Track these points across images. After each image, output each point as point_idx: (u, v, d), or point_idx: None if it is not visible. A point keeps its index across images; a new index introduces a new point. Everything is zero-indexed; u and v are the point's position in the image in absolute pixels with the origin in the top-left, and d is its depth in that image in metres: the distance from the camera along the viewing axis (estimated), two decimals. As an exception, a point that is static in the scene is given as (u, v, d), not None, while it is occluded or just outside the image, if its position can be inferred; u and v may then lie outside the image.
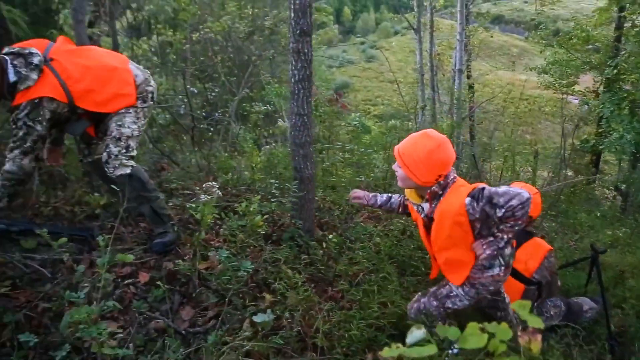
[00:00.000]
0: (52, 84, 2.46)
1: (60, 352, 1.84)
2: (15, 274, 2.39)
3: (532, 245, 2.92)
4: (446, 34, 17.84)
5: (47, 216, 2.99)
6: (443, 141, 2.14)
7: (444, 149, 2.13)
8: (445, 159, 2.13)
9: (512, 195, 2.02)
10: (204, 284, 2.46)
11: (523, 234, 2.91)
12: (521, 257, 2.85)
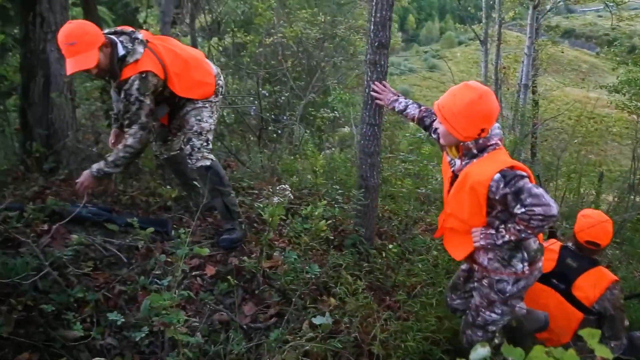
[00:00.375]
0: (154, 61, 2.60)
1: (139, 334, 1.97)
2: (96, 256, 2.56)
3: (596, 274, 2.80)
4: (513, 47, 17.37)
5: (125, 204, 3.18)
6: (485, 91, 1.98)
7: (486, 99, 1.96)
8: (487, 110, 1.97)
9: (541, 202, 1.86)
10: (268, 282, 2.55)
11: (588, 260, 2.81)
12: (582, 284, 2.75)
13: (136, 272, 2.54)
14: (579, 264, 2.77)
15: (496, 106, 2.00)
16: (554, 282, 2.79)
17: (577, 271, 2.75)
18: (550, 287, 2.81)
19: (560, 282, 2.78)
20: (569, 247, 2.86)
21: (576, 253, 2.81)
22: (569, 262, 2.79)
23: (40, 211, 2.67)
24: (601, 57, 39.30)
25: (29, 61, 3.18)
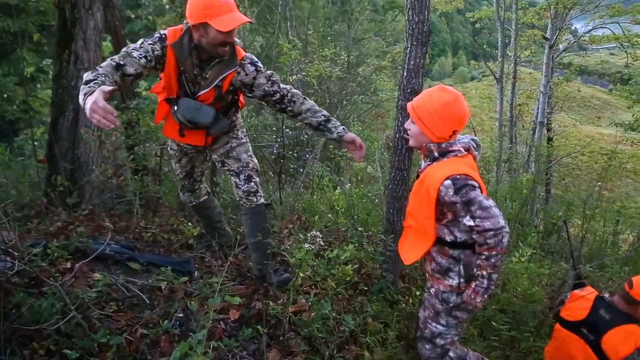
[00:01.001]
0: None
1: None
2: (119, 297, 2.51)
3: (628, 331, 2.65)
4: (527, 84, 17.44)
5: (147, 242, 3.15)
6: (460, 95, 2.03)
7: (460, 102, 2.01)
8: (461, 113, 2.01)
9: (489, 215, 1.85)
10: (293, 328, 2.47)
11: (623, 316, 2.68)
12: (612, 339, 2.61)
13: (158, 314, 2.48)
14: (613, 317, 2.63)
15: (467, 111, 2.06)
16: (584, 331, 2.67)
17: (609, 324, 2.61)
18: (579, 336, 2.69)
19: (590, 333, 2.65)
20: (604, 298, 2.74)
21: (612, 306, 2.68)
22: (602, 313, 2.66)
23: (64, 248, 2.64)
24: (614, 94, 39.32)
25: (60, 97, 3.23)
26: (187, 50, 2.30)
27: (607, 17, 12.48)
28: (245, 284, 2.92)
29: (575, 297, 2.81)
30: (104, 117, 1.80)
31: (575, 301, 2.79)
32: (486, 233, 1.86)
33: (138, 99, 3.98)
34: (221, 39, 2.22)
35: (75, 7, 3.14)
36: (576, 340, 2.68)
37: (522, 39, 14.27)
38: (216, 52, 2.31)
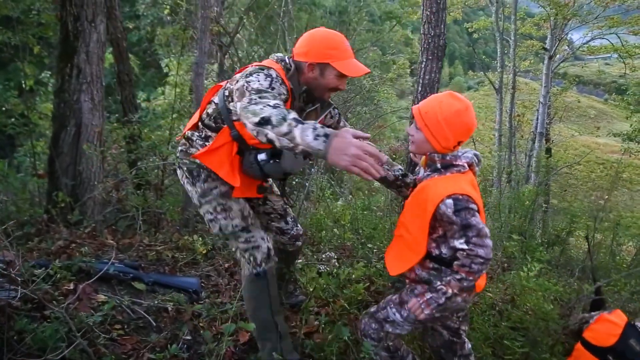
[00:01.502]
0: None
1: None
2: (124, 319, 2.42)
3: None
4: (524, 94, 17.51)
5: (151, 260, 3.06)
6: (470, 104, 1.92)
7: (470, 112, 1.90)
8: (470, 123, 1.91)
9: (484, 244, 1.78)
10: (304, 349, 2.38)
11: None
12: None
13: (165, 337, 2.39)
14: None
15: (475, 122, 1.95)
16: (610, 359, 2.58)
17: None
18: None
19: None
20: (637, 326, 2.64)
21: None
22: (632, 343, 2.57)
23: (67, 269, 2.55)
24: (610, 104, 39.50)
25: (62, 111, 3.16)
26: (297, 92, 2.11)
27: (605, 28, 12.55)
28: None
29: (603, 320, 2.72)
30: (372, 165, 1.46)
31: (602, 324, 2.70)
32: (475, 259, 1.80)
33: (140, 111, 3.90)
34: (336, 83, 2.07)
35: (78, 20, 3.08)
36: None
37: (520, 50, 14.32)
38: (321, 96, 2.15)
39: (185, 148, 2.24)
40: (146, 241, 3.31)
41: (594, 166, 22.68)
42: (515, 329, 3.25)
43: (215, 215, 2.18)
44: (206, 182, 2.17)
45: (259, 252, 2.18)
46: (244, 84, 1.83)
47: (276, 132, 1.52)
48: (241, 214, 2.18)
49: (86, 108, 3.13)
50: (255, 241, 2.18)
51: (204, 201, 2.19)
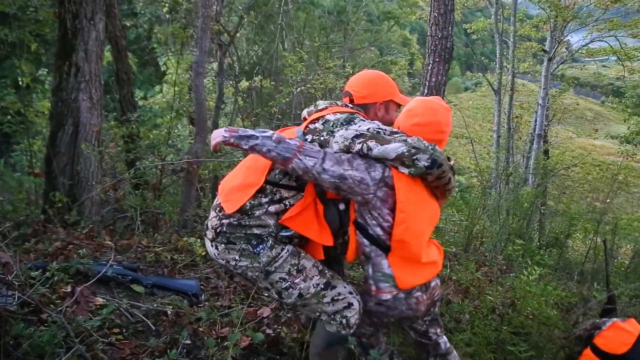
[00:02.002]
0: None
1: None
2: (122, 323, 2.38)
3: None
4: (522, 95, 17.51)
5: (150, 262, 3.02)
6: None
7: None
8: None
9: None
10: (307, 357, 2.35)
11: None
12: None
13: (165, 341, 2.35)
14: None
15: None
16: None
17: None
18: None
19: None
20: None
21: None
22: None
23: (64, 271, 2.51)
24: (606, 106, 39.65)
25: (59, 110, 3.10)
26: None
27: (605, 31, 12.55)
28: (254, 306, 2.79)
29: (616, 327, 2.64)
30: None
31: (615, 331, 2.62)
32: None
33: (139, 111, 3.86)
34: (395, 117, 2.10)
35: (77, 18, 3.02)
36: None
37: (519, 51, 14.32)
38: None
39: (238, 220, 1.90)
40: (144, 242, 3.27)
41: (590, 168, 22.76)
42: (517, 334, 3.23)
43: (292, 280, 1.91)
44: (273, 249, 1.90)
45: (352, 311, 1.94)
46: (374, 130, 1.78)
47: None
48: (317, 269, 1.96)
49: (84, 107, 3.08)
50: (344, 298, 1.95)
51: (273, 269, 1.91)
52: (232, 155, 3.90)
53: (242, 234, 1.88)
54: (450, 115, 1.93)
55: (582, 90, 55.77)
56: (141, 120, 3.95)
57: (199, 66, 3.41)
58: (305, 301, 1.93)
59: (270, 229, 1.88)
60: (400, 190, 1.77)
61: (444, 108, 1.92)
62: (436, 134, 1.87)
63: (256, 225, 1.87)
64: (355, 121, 1.85)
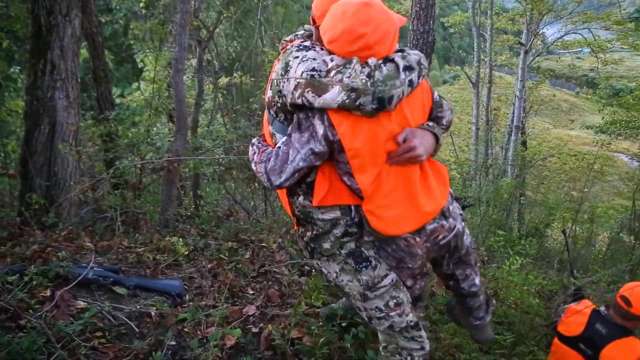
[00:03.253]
0: None
1: None
2: (105, 326, 2.33)
3: (626, 345, 2.61)
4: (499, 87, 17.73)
5: (132, 263, 2.97)
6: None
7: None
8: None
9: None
10: (298, 355, 2.34)
11: (619, 328, 2.64)
12: (610, 354, 2.56)
13: (149, 343, 2.31)
14: (609, 331, 2.59)
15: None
16: (582, 347, 2.63)
17: (606, 339, 2.57)
18: (577, 351, 2.65)
19: (587, 348, 2.61)
20: (600, 311, 2.70)
21: (607, 319, 2.64)
22: (598, 327, 2.62)
23: (43, 275, 2.45)
24: (581, 97, 40.43)
25: (34, 109, 3.02)
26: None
27: (579, 23, 12.79)
28: (239, 305, 2.77)
29: (571, 311, 2.78)
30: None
31: (571, 316, 2.75)
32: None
33: (117, 110, 3.79)
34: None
35: (52, 14, 2.94)
36: (574, 355, 2.65)
37: (496, 44, 14.49)
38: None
39: (312, 231, 1.79)
40: (126, 243, 3.21)
41: (567, 158, 23.22)
42: (501, 324, 3.27)
43: (388, 312, 1.83)
44: (376, 270, 1.80)
45: (420, 352, 1.91)
46: (307, 76, 1.50)
47: (414, 64, 1.54)
48: (410, 305, 1.89)
49: (61, 106, 3.00)
50: (422, 341, 1.92)
51: (373, 295, 1.81)
52: (212, 153, 3.87)
53: (330, 243, 1.78)
54: (372, 10, 1.49)
55: (557, 81, 56.68)
56: (119, 118, 3.86)
57: (179, 63, 3.35)
58: (393, 332, 1.87)
59: (345, 220, 1.75)
60: (344, 136, 1.54)
61: (353, 5, 1.49)
62: (355, 44, 1.49)
63: (331, 226, 1.75)
64: (290, 63, 1.57)
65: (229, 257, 3.38)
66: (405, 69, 1.48)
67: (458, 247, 1.97)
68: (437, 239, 1.85)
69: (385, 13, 1.52)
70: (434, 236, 1.84)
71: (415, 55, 1.57)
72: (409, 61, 1.51)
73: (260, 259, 3.40)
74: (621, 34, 13.41)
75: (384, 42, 1.51)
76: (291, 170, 1.56)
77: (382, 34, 1.49)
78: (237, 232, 3.75)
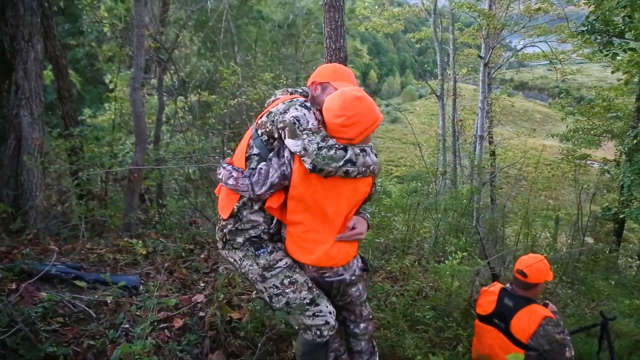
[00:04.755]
0: None
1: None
2: (65, 313, 2.62)
3: (529, 312, 2.96)
4: (469, 99, 18.39)
5: (93, 262, 3.27)
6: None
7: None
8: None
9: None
10: (235, 331, 2.66)
11: (522, 299, 3.02)
12: (518, 322, 2.91)
13: (105, 326, 2.61)
14: (515, 303, 2.96)
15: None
16: (496, 322, 3.00)
17: (513, 310, 2.94)
18: (493, 326, 3.01)
19: (500, 322, 2.97)
20: (507, 288, 3.07)
21: (512, 293, 3.02)
22: (506, 302, 2.99)
23: (9, 270, 2.74)
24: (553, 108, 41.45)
25: (1, 125, 3.32)
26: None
27: (535, 37, 13.46)
28: (189, 294, 3.09)
29: (483, 292, 3.16)
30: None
31: (484, 296, 3.13)
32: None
33: (81, 126, 4.10)
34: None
35: (15, 40, 3.27)
36: (492, 331, 3.01)
37: (460, 57, 15.14)
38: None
39: (234, 225, 2.14)
40: (89, 246, 3.51)
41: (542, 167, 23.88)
42: (435, 309, 3.64)
43: (283, 289, 2.13)
44: (272, 254, 2.13)
45: (327, 327, 2.18)
46: (292, 122, 1.93)
47: (358, 166, 1.92)
48: (307, 285, 2.16)
49: (26, 122, 3.32)
50: (323, 316, 2.17)
51: (269, 275, 2.13)
52: (175, 164, 4.18)
53: (242, 238, 2.13)
54: (350, 99, 1.96)
55: (530, 93, 58.27)
56: (84, 135, 4.17)
57: (135, 81, 3.69)
58: (290, 309, 2.16)
59: (263, 227, 2.13)
60: (293, 172, 2.01)
61: (339, 95, 1.99)
62: (336, 119, 1.95)
63: (250, 227, 2.12)
64: (290, 110, 1.98)
65: (185, 257, 3.70)
66: (347, 162, 1.92)
67: (343, 293, 2.26)
68: (323, 275, 2.20)
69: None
70: (321, 272, 2.20)
71: (370, 158, 2.00)
72: (357, 159, 1.94)
73: (214, 257, 3.72)
74: (576, 46, 14.14)
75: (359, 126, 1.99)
76: (269, 184, 2.02)
77: (352, 119, 1.97)
78: (195, 236, 4.07)
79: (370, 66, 60.37)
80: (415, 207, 6.68)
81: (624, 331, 4.42)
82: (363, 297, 2.33)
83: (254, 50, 16.44)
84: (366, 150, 1.99)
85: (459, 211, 7.70)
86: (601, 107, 13.15)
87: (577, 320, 4.27)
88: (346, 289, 2.25)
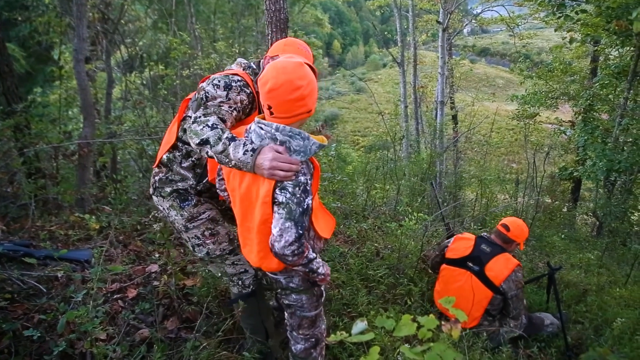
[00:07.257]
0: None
1: (57, 348, 2.06)
2: (14, 290, 2.60)
3: (504, 258, 3.29)
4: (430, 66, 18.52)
5: (43, 239, 3.22)
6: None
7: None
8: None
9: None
10: (187, 298, 2.70)
11: (499, 247, 3.33)
12: (493, 266, 3.24)
13: (56, 300, 2.60)
14: (492, 249, 3.30)
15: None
16: (469, 264, 3.31)
17: (490, 255, 3.28)
18: (465, 269, 3.32)
19: (474, 265, 3.29)
20: (484, 236, 3.42)
21: (490, 241, 3.37)
22: (483, 247, 3.32)
23: (-51, 252, 2.68)
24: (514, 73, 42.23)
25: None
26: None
27: (493, 1, 13.57)
28: (144, 265, 3.10)
29: (458, 239, 3.49)
30: (289, 170, 1.70)
31: (458, 242, 3.45)
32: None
33: (25, 102, 3.97)
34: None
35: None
36: (462, 273, 3.32)
37: (419, 24, 15.16)
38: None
39: (165, 174, 2.22)
40: (39, 223, 3.45)
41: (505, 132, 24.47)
42: (390, 268, 3.76)
43: (204, 240, 2.25)
44: (196, 207, 2.22)
45: (247, 275, 2.33)
46: (203, 94, 1.92)
47: (214, 150, 1.77)
48: (228, 237, 2.29)
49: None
50: (242, 264, 2.31)
51: (192, 225, 2.22)
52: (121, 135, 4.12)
53: (170, 188, 2.21)
54: (306, 70, 1.76)
55: (492, 59, 59.00)
56: (30, 112, 4.04)
57: (78, 53, 3.59)
58: (211, 259, 2.29)
59: (191, 182, 2.21)
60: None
61: (291, 63, 1.75)
62: (293, 94, 1.70)
63: (179, 180, 2.20)
64: (214, 85, 1.95)
65: (140, 230, 3.69)
66: (204, 141, 1.78)
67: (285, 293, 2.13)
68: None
69: (312, 76, 1.81)
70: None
71: (248, 156, 1.74)
72: (217, 143, 1.77)
73: (170, 228, 3.72)
74: (532, 9, 14.33)
75: (313, 97, 1.78)
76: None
77: (312, 89, 1.76)
78: (151, 209, 4.04)
79: (333, 36, 59.74)
80: (374, 172, 6.82)
81: (574, 281, 4.70)
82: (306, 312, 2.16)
83: (213, 22, 16.04)
84: (242, 143, 1.76)
85: (420, 176, 7.90)
86: (558, 70, 13.48)
87: (528, 273, 4.49)
88: (287, 296, 2.13)
